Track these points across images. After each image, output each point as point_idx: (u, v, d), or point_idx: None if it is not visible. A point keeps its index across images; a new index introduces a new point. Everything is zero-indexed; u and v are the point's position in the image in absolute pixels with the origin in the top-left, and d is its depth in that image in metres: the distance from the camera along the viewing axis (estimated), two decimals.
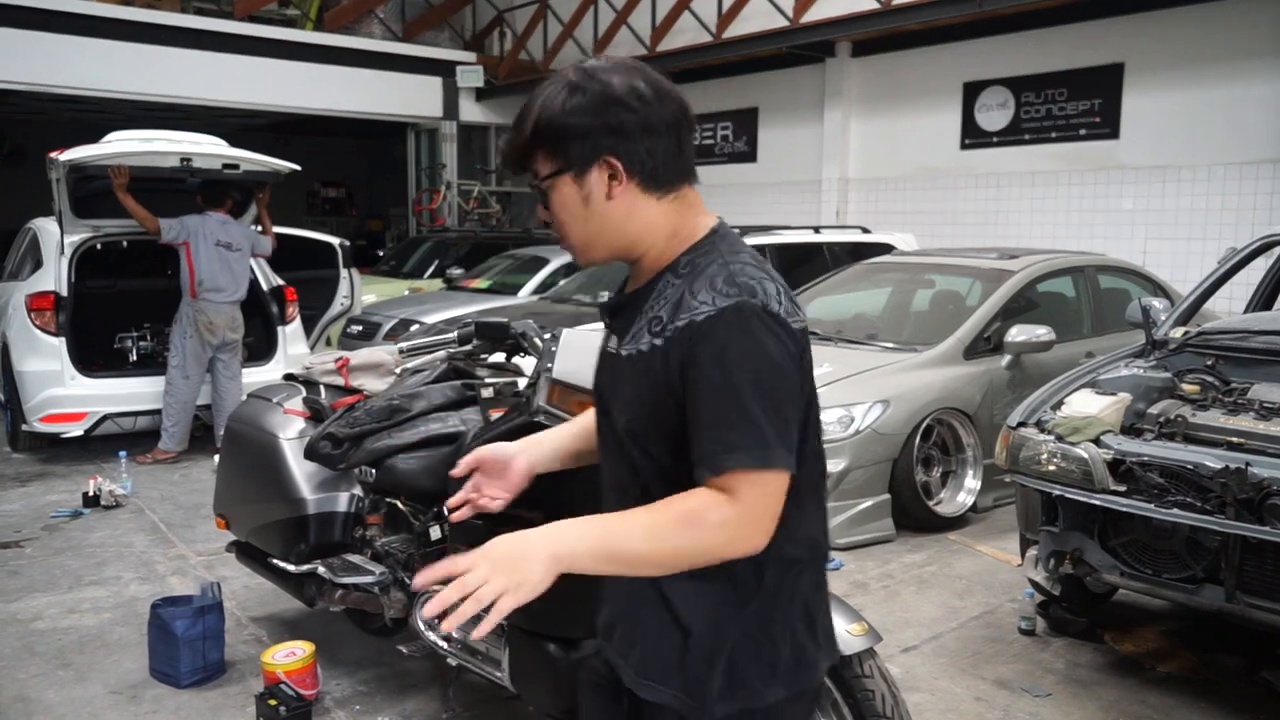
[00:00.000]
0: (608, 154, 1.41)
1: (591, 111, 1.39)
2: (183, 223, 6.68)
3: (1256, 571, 3.26)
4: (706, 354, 1.33)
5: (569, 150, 1.41)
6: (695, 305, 1.36)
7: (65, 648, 3.93)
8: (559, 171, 1.43)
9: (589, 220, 1.45)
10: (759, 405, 1.31)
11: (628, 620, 1.52)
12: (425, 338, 3.32)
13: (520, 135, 1.44)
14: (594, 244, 1.47)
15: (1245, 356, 3.92)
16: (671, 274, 1.46)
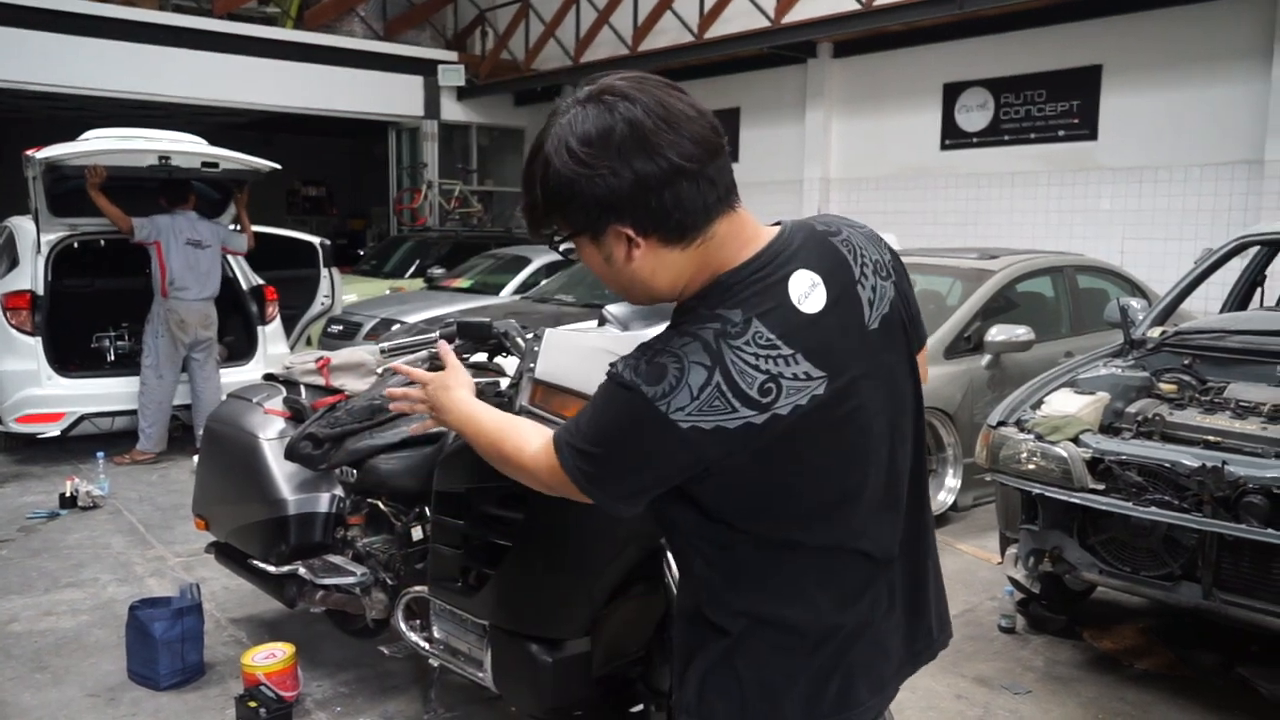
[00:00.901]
0: (615, 224, 1.31)
1: (600, 171, 1.27)
2: (154, 222, 6.64)
3: (1233, 569, 3.29)
4: (598, 390, 1.37)
5: (576, 219, 1.33)
6: (622, 359, 1.34)
7: (42, 650, 3.89)
8: (575, 234, 1.36)
9: (618, 276, 1.38)
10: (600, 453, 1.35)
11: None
12: (407, 337, 3.30)
13: (531, 198, 1.36)
14: (631, 294, 1.41)
15: (1221, 356, 3.96)
16: (674, 320, 1.39)
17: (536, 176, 1.34)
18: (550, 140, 1.32)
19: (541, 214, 1.36)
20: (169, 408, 6.79)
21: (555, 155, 1.30)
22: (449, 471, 2.82)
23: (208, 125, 13.25)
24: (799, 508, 1.37)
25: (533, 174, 1.35)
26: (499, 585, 2.63)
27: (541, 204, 1.34)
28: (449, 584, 2.81)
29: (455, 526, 2.78)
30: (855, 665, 1.43)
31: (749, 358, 1.28)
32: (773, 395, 1.28)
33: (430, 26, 16.15)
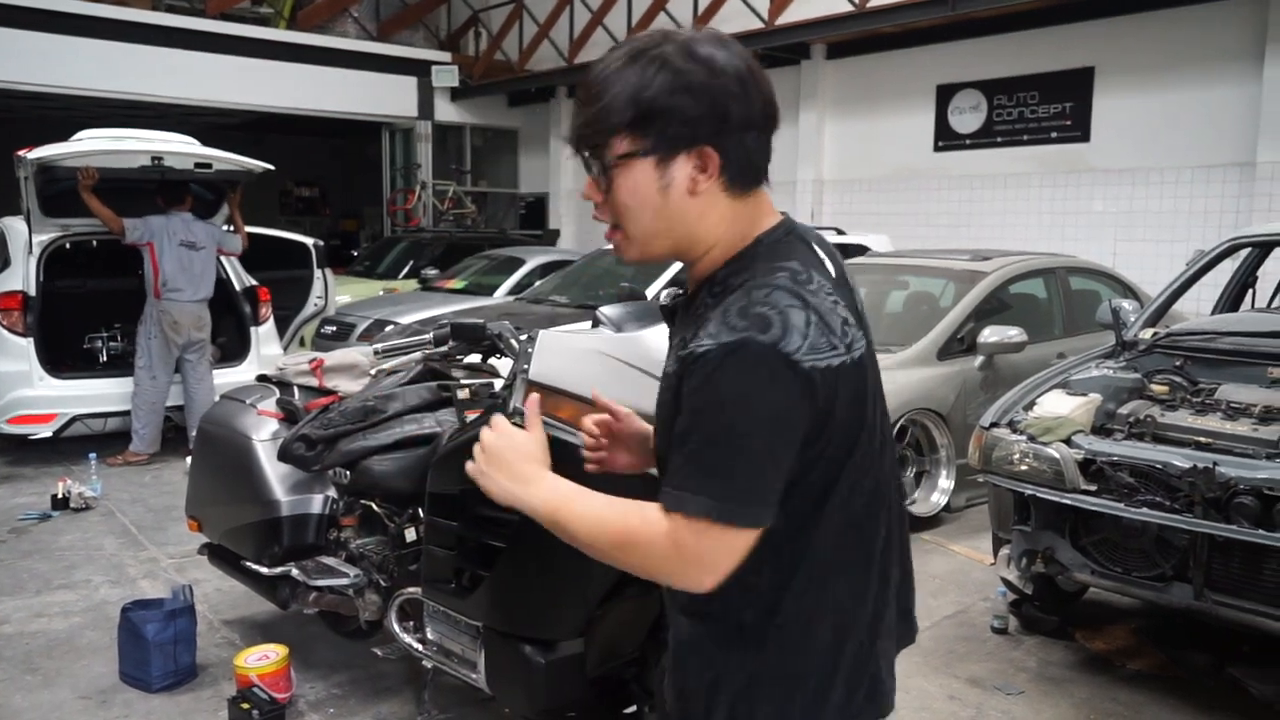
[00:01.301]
0: (706, 143, 1.25)
1: (700, 94, 1.23)
2: (147, 223, 6.62)
3: (1223, 569, 3.30)
4: (695, 390, 1.23)
5: (662, 132, 1.24)
6: (702, 337, 1.23)
7: (33, 652, 3.88)
8: (641, 153, 1.26)
9: (661, 212, 1.29)
10: (730, 458, 1.21)
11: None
12: (400, 339, 3.31)
13: (602, 108, 1.25)
14: (658, 238, 1.31)
15: (1213, 357, 3.98)
16: (708, 292, 1.32)
17: (634, 79, 1.24)
18: (670, 45, 1.25)
19: (616, 120, 1.25)
20: (162, 409, 6.78)
21: (678, 58, 1.24)
22: (443, 473, 2.82)
23: (198, 125, 13.21)
24: (865, 473, 1.33)
25: (609, 83, 1.26)
26: (493, 586, 2.63)
27: (625, 108, 1.24)
28: (442, 585, 2.81)
29: (449, 528, 2.78)
30: (881, 649, 1.41)
31: (823, 299, 1.26)
32: (849, 337, 1.26)
33: (424, 27, 16.14)
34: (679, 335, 1.36)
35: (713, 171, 1.27)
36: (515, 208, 16.51)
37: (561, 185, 15.36)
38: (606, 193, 1.30)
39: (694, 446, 1.22)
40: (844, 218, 11.10)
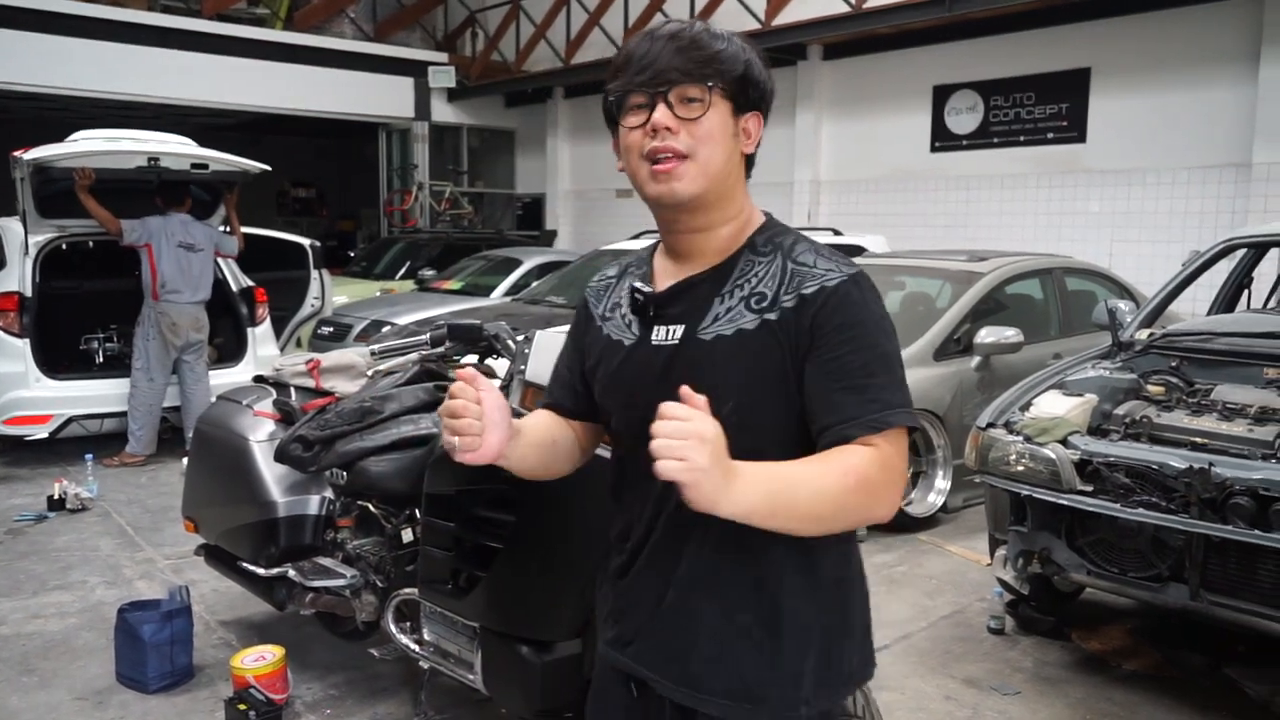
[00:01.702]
0: (761, 112, 1.49)
1: (767, 74, 1.48)
2: (144, 224, 6.61)
3: (1219, 570, 3.31)
4: (850, 317, 1.37)
5: (748, 88, 1.44)
6: (821, 272, 1.40)
7: (29, 653, 3.87)
8: (730, 98, 1.43)
9: (730, 155, 1.45)
10: (901, 369, 1.40)
11: (673, 624, 1.47)
12: (397, 339, 3.31)
13: (720, 53, 1.41)
14: (718, 180, 1.44)
15: (1209, 358, 3.98)
16: (751, 252, 1.47)
17: (739, 44, 1.45)
18: (738, 42, 1.46)
19: (729, 66, 1.42)
20: (159, 410, 6.77)
21: (752, 51, 1.47)
22: (439, 473, 2.82)
23: (194, 126, 13.19)
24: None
25: (732, 40, 1.45)
26: (489, 587, 2.63)
27: (729, 61, 1.42)
28: (439, 586, 2.81)
29: (446, 528, 2.78)
30: None
31: None
32: None
33: (420, 28, 16.14)
34: (730, 299, 1.44)
35: (757, 135, 1.49)
36: (512, 208, 16.51)
37: (559, 186, 15.36)
38: (697, 120, 1.40)
39: (882, 367, 1.36)
40: (841, 218, 11.11)
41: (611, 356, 1.53)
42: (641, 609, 1.52)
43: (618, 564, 1.58)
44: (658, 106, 1.40)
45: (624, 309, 1.55)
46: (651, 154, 1.41)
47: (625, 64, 1.44)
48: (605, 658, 1.62)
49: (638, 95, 1.42)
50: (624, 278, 1.60)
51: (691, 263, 1.50)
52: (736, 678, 1.44)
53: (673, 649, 1.48)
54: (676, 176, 1.41)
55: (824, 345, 1.36)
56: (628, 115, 1.44)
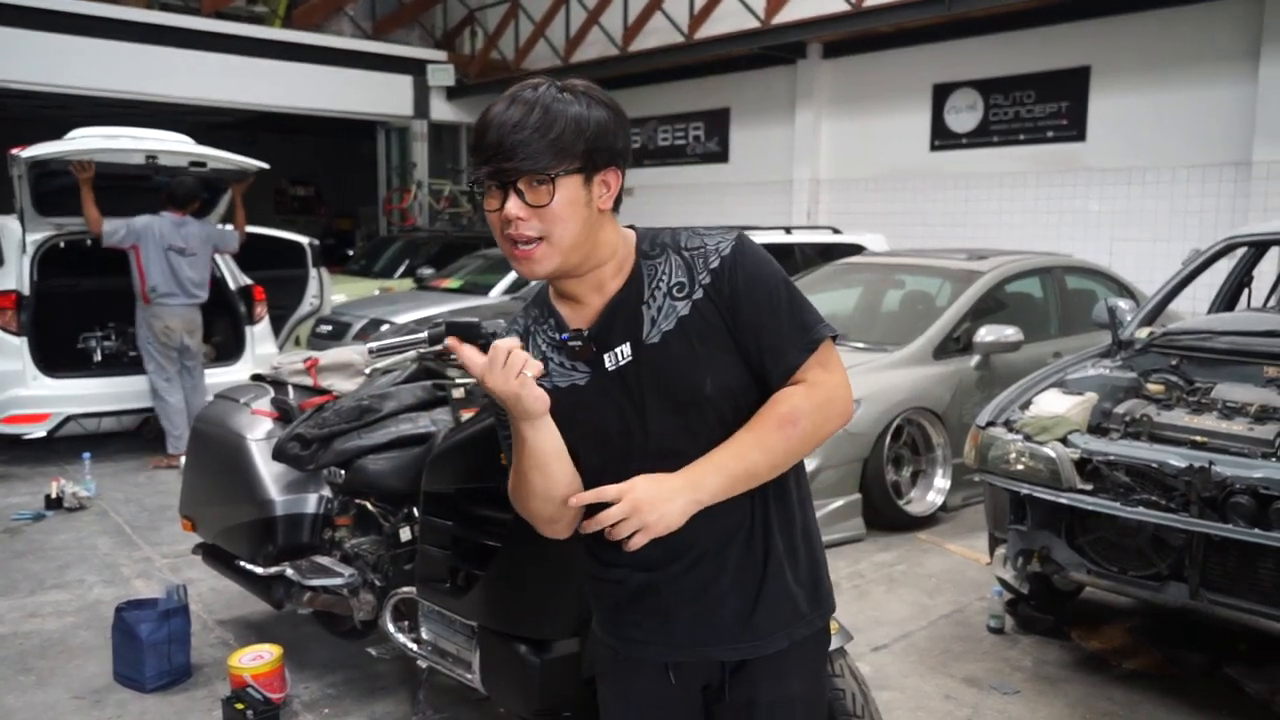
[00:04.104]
0: (616, 167, 1.54)
1: (618, 127, 1.54)
2: (129, 225, 6.50)
3: (1219, 568, 3.30)
4: (750, 271, 1.56)
5: (595, 155, 1.50)
6: (712, 246, 1.58)
7: (26, 652, 3.86)
8: (578, 170, 1.49)
9: (586, 222, 1.52)
10: (799, 293, 1.59)
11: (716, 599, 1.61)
12: (395, 338, 3.29)
13: (561, 129, 1.47)
14: (577, 248, 1.52)
15: (1209, 357, 3.97)
16: (644, 259, 1.60)
17: (576, 116, 1.49)
18: (584, 99, 1.51)
19: (567, 145, 1.48)
20: (184, 406, 6.71)
21: (598, 107, 1.52)
22: (437, 472, 2.82)
23: (193, 124, 13.18)
24: None
25: (570, 115, 1.49)
26: (487, 586, 2.62)
27: (572, 137, 1.48)
28: (437, 585, 2.80)
29: (444, 527, 2.77)
30: None
31: None
32: None
33: (419, 26, 16.13)
34: (655, 302, 1.57)
35: (617, 186, 1.55)
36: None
37: None
38: (545, 206, 1.48)
39: (786, 302, 1.56)
40: (840, 217, 11.10)
41: (571, 399, 1.59)
42: (685, 603, 1.63)
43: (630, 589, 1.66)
44: (510, 197, 1.49)
45: (556, 360, 1.63)
46: (509, 239, 1.52)
47: (479, 143, 1.51)
48: (634, 655, 1.70)
49: (491, 186, 1.51)
50: (531, 335, 1.67)
51: (590, 296, 1.61)
52: (784, 610, 1.65)
53: (727, 617, 1.63)
54: (535, 259, 1.52)
55: (742, 303, 1.55)
56: (487, 198, 1.53)
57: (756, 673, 1.66)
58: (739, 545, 1.62)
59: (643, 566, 1.63)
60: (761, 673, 1.66)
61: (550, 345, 1.63)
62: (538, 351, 1.64)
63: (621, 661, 1.72)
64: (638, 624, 1.67)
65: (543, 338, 1.65)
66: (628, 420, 1.57)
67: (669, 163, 13.64)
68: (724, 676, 1.67)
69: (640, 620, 1.66)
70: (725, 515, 1.58)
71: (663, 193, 13.49)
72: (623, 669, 1.73)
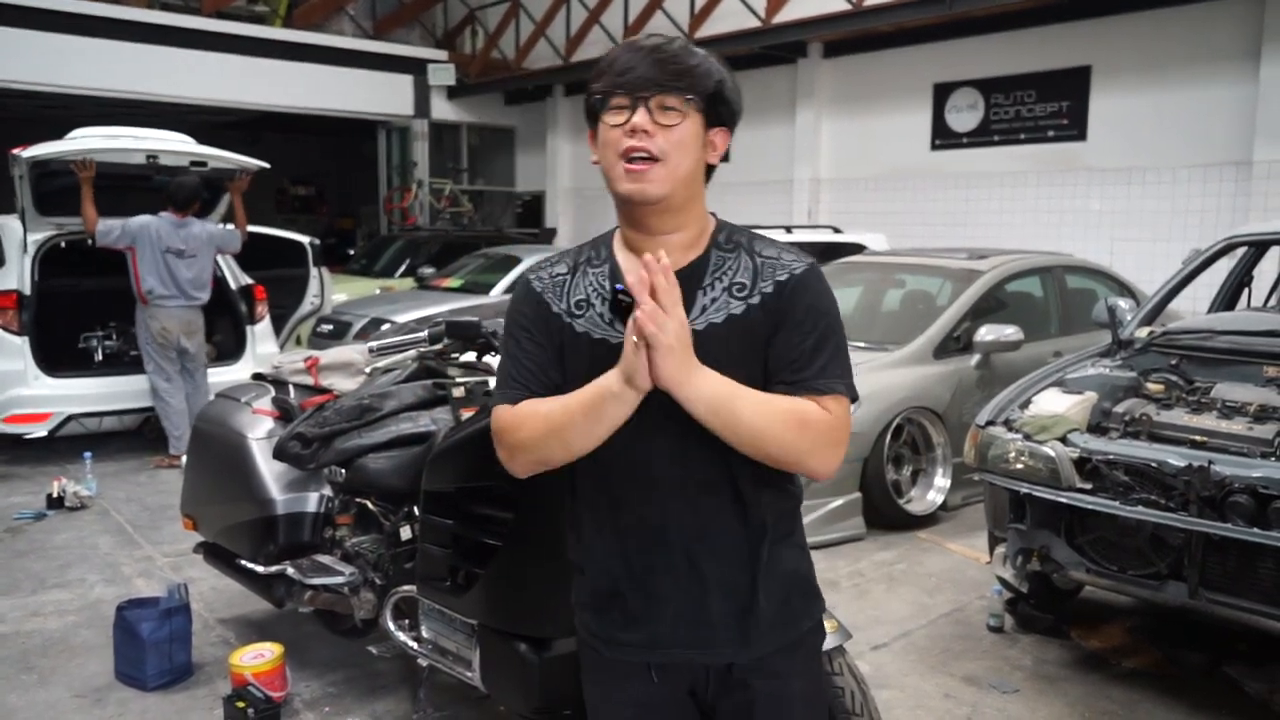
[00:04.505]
0: (726, 129, 1.60)
1: (735, 94, 1.61)
2: (124, 226, 6.46)
3: (1218, 568, 3.31)
4: (813, 301, 1.58)
5: (719, 105, 1.57)
6: (786, 262, 1.60)
7: (28, 651, 3.87)
8: (703, 110, 1.55)
9: (697, 162, 1.57)
10: (846, 349, 1.62)
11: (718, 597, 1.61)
12: (396, 337, 3.30)
13: (697, 66, 1.53)
14: (685, 184, 1.55)
15: (1208, 356, 3.98)
16: (718, 249, 1.62)
17: (715, 63, 1.58)
18: (712, 57, 1.59)
19: (704, 82, 1.55)
20: (185, 406, 6.71)
21: (723, 67, 1.60)
22: (437, 471, 2.82)
23: (194, 124, 13.15)
24: None
25: (709, 59, 1.58)
26: (488, 584, 2.62)
27: (703, 76, 1.55)
28: (438, 583, 2.81)
29: (444, 526, 2.78)
30: None
31: None
32: None
33: (420, 25, 16.13)
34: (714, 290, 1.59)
35: (722, 148, 1.60)
36: (512, 206, 16.51)
37: (558, 183, 15.37)
38: (672, 127, 1.52)
39: (833, 345, 1.58)
40: (841, 216, 11.10)
41: (594, 352, 1.58)
42: (669, 604, 1.62)
43: (613, 584, 1.66)
44: (638, 110, 1.52)
45: (598, 307, 1.61)
46: (627, 152, 1.52)
47: (609, 67, 1.55)
48: (618, 657, 1.69)
49: (620, 97, 1.53)
50: (578, 272, 1.65)
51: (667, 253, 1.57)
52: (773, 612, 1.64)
53: (713, 619, 1.62)
54: (648, 178, 1.53)
55: (789, 322, 1.57)
56: (609, 114, 1.55)
57: (750, 675, 1.65)
58: (724, 544, 1.61)
59: (625, 559, 1.62)
60: (755, 675, 1.65)
61: (596, 290, 1.62)
62: (580, 288, 1.63)
63: (606, 662, 1.71)
64: (620, 623, 1.66)
65: (591, 278, 1.63)
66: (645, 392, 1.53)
67: None
68: (709, 679, 1.66)
69: (623, 619, 1.65)
70: (706, 508, 1.59)
71: None
72: (607, 670, 1.72)
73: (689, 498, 1.59)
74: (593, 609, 1.71)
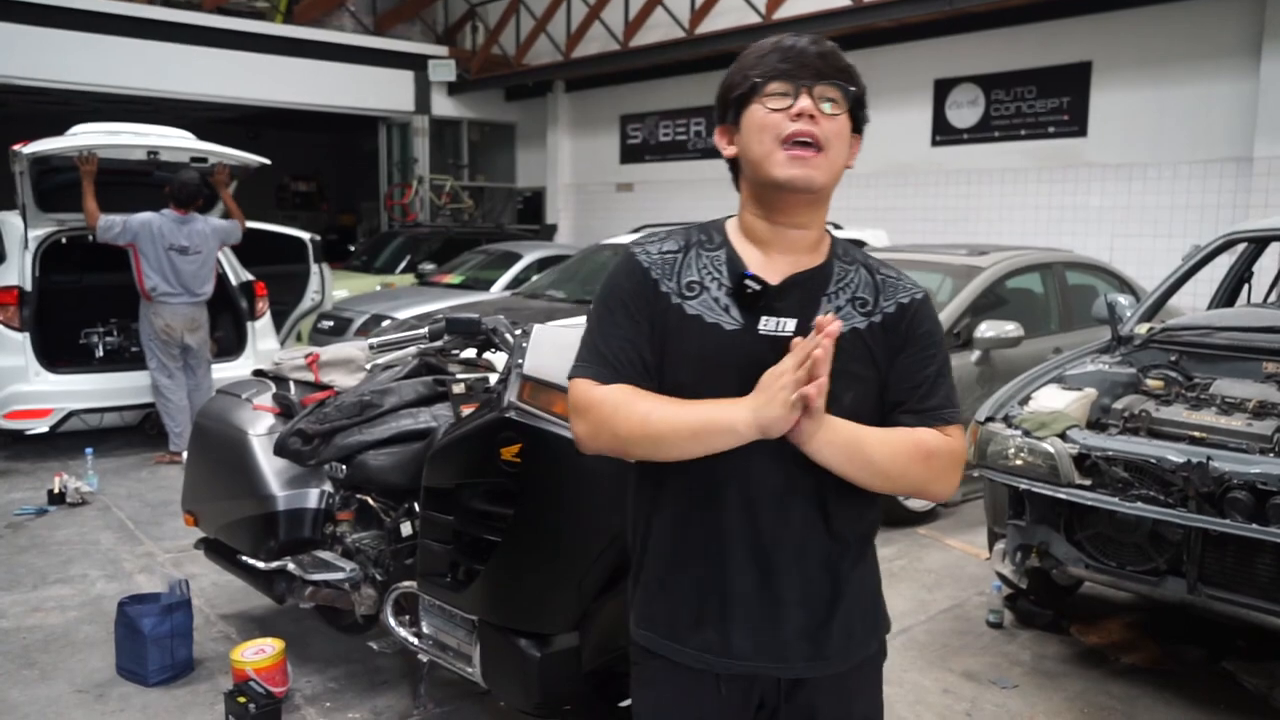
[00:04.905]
0: (860, 137, 1.60)
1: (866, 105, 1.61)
2: (126, 222, 6.44)
3: (1217, 564, 3.31)
4: (932, 328, 1.61)
5: (859, 108, 1.57)
6: (906, 285, 1.62)
7: (30, 646, 3.88)
8: (852, 111, 1.56)
9: (844, 157, 1.56)
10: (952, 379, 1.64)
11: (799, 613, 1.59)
12: (396, 333, 3.30)
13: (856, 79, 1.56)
14: (836, 173, 1.55)
15: (1208, 352, 3.98)
16: (838, 260, 1.62)
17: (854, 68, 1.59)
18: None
19: (853, 80, 1.56)
20: (186, 403, 6.72)
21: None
22: (438, 467, 2.83)
23: (193, 120, 13.17)
24: None
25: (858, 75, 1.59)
26: (488, 580, 2.63)
27: (856, 78, 1.57)
28: (438, 579, 2.81)
29: (444, 522, 2.79)
30: None
31: None
32: None
33: (420, 21, 16.10)
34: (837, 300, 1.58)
35: (854, 154, 1.59)
36: (512, 202, 16.49)
37: (559, 179, 15.35)
38: (834, 117, 1.52)
39: (949, 373, 1.62)
40: (841, 212, 11.06)
41: (705, 337, 1.53)
42: (745, 613, 1.58)
43: (703, 565, 1.59)
44: (801, 96, 1.50)
45: (714, 291, 1.56)
46: (791, 137, 1.50)
47: (770, 51, 1.54)
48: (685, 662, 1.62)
49: (783, 83, 1.51)
50: (691, 252, 1.61)
51: (782, 256, 1.59)
52: (848, 631, 1.64)
53: (790, 635, 1.59)
54: (813, 165, 1.51)
55: (912, 347, 1.58)
56: (768, 98, 1.52)
57: (816, 694, 1.62)
58: (808, 558, 1.58)
59: (705, 561, 1.58)
60: (821, 694, 1.62)
61: (710, 273, 1.57)
62: (691, 270, 1.58)
63: (668, 669, 1.63)
64: (692, 626, 1.60)
65: (706, 261, 1.59)
66: (748, 385, 1.47)
67: (670, 158, 13.62)
68: (777, 694, 1.62)
69: (701, 628, 1.59)
70: (795, 521, 1.56)
71: (664, 188, 13.49)
72: (669, 677, 1.64)
73: (779, 510, 1.55)
74: (665, 608, 1.63)
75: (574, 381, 1.58)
